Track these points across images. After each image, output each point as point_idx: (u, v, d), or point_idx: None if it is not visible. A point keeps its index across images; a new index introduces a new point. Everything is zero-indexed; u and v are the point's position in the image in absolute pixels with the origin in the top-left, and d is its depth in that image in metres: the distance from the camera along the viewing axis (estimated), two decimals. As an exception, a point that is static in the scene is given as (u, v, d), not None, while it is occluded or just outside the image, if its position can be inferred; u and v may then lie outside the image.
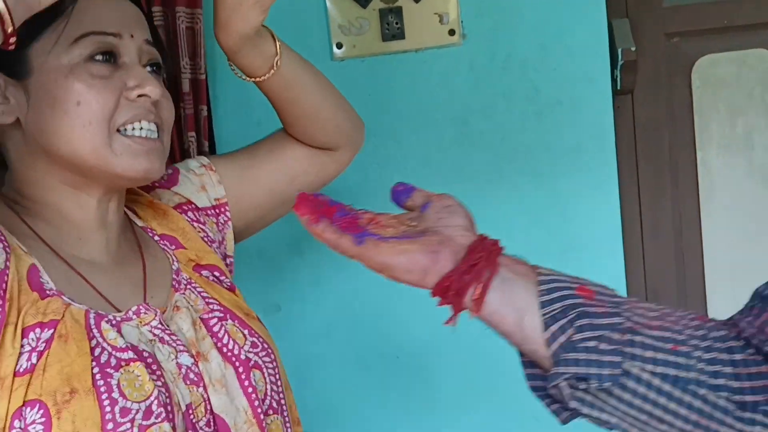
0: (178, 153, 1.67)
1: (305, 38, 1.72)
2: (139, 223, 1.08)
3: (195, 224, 1.10)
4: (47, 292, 0.86)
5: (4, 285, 0.82)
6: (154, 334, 0.91)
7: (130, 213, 1.08)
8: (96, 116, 0.89)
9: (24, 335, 0.82)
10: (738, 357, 0.69)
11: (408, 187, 0.87)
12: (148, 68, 0.97)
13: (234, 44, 1.03)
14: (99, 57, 0.92)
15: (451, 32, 1.67)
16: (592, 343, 0.69)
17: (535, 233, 1.66)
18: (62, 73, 0.90)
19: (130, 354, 0.86)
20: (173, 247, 1.06)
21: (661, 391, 0.68)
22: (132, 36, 0.95)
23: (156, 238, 1.06)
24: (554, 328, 0.70)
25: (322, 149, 1.20)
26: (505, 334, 0.75)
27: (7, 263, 0.84)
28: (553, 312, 0.71)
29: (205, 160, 1.18)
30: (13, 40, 0.73)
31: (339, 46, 1.72)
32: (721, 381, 0.68)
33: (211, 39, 1.72)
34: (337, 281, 1.75)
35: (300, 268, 1.77)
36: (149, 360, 0.87)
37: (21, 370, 0.81)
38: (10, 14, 0.72)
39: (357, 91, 1.70)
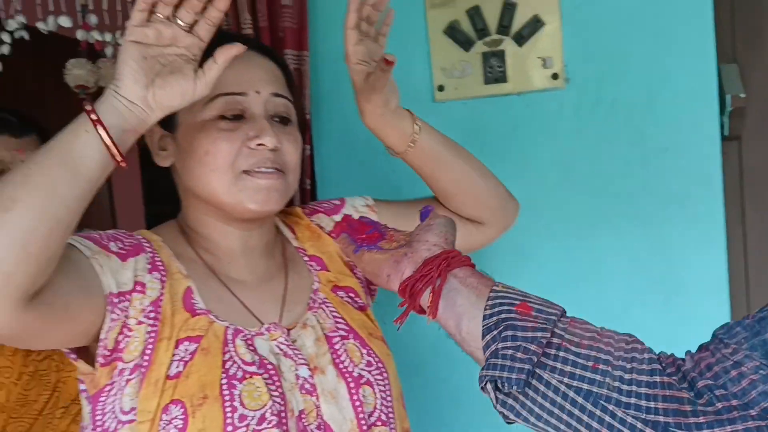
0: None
1: (408, 80, 1.74)
2: (295, 243, 1.24)
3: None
4: (197, 311, 1.05)
5: (159, 309, 1.03)
6: (280, 349, 1.08)
7: (288, 232, 1.25)
8: (219, 163, 1.07)
9: (176, 346, 1.01)
10: (657, 380, 0.76)
11: (430, 208, 1.06)
12: (276, 119, 1.11)
13: (372, 125, 1.22)
14: (228, 116, 1.08)
15: (555, 76, 1.67)
16: (509, 352, 0.80)
17: (638, 279, 1.63)
18: (197, 128, 1.08)
19: (254, 368, 1.03)
20: (319, 268, 1.22)
21: (574, 402, 0.77)
22: (258, 92, 1.10)
23: (306, 258, 1.22)
24: (488, 337, 0.83)
25: (469, 220, 1.31)
26: (451, 336, 0.89)
27: (162, 291, 1.04)
28: (489, 324, 0.83)
29: (370, 200, 1.33)
30: (124, 164, 0.91)
31: (441, 88, 1.74)
32: (633, 400, 0.75)
33: (315, 80, 1.79)
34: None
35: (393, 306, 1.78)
36: (272, 371, 1.04)
37: (171, 374, 1.00)
38: (117, 148, 0.90)
39: (458, 133, 1.71)
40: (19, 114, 1.70)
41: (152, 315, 1.02)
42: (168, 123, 1.10)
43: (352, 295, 1.21)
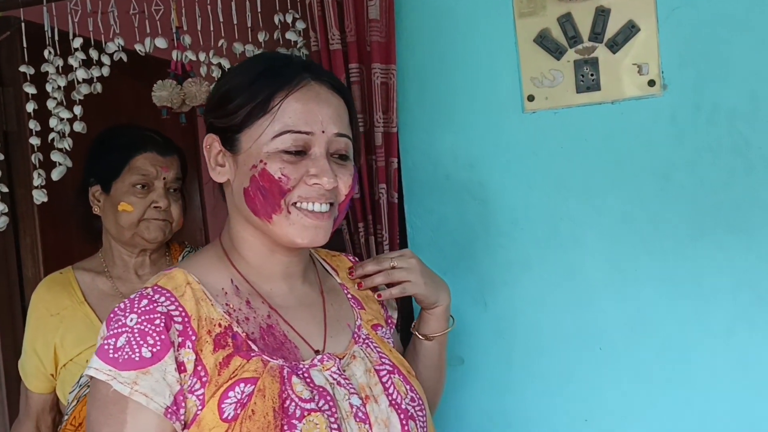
0: (369, 203, 1.71)
1: (496, 90, 1.71)
2: (338, 279, 1.31)
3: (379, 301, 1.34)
4: (252, 354, 1.08)
5: (203, 373, 1.05)
6: (333, 378, 1.11)
7: (331, 270, 1.32)
8: (277, 194, 1.11)
9: (231, 388, 1.04)
10: None
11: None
12: (335, 156, 1.15)
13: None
14: (292, 150, 1.12)
15: (651, 83, 1.60)
16: None
17: (743, 296, 1.53)
18: (261, 159, 1.12)
19: (313, 404, 1.06)
20: (359, 307, 1.28)
21: None
22: (324, 131, 1.13)
23: (348, 296, 1.29)
24: None
25: None
26: None
27: (198, 357, 1.06)
28: None
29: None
30: None
31: (531, 98, 1.69)
32: None
33: (402, 93, 1.78)
34: (521, 335, 1.71)
35: (483, 321, 1.74)
36: (330, 403, 1.07)
37: (227, 417, 1.02)
38: None
39: (548, 144, 1.68)
40: (162, 134, 1.80)
41: (200, 380, 1.04)
42: (228, 141, 1.15)
43: (387, 335, 1.28)
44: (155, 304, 1.07)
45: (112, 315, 1.07)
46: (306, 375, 1.09)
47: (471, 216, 1.73)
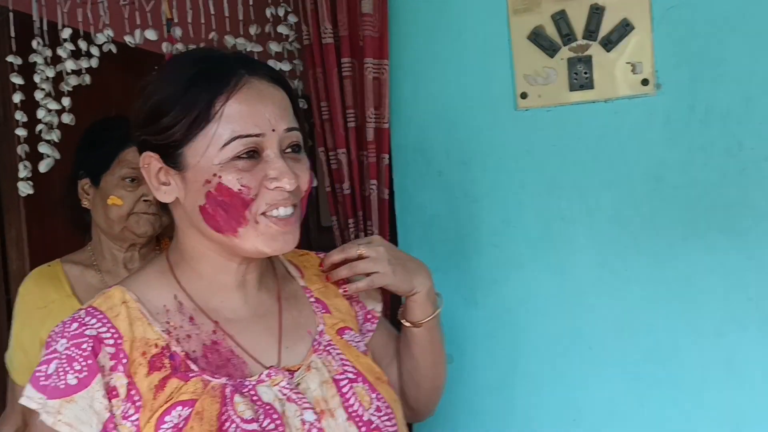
0: (359, 200, 1.70)
1: (489, 87, 1.70)
2: (301, 282, 1.22)
3: (349, 300, 1.24)
4: (190, 375, 1.01)
5: (135, 397, 0.99)
6: (283, 393, 1.04)
7: (295, 271, 1.23)
8: (240, 207, 1.03)
9: (167, 413, 0.98)
10: None
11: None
12: (288, 150, 1.07)
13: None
14: (244, 155, 1.03)
15: (645, 82, 1.59)
16: None
17: (734, 298, 1.53)
18: (214, 172, 1.03)
19: (255, 426, 0.99)
20: (324, 311, 1.19)
21: None
22: (274, 130, 1.05)
23: (312, 299, 1.20)
24: None
25: (407, 402, 1.30)
26: None
27: (130, 380, 1.00)
28: None
29: (379, 308, 1.29)
30: None
31: (524, 95, 1.68)
32: None
33: (394, 88, 1.77)
34: (511, 333, 1.70)
35: (474, 319, 1.73)
36: (278, 422, 1.00)
37: None
38: None
39: (541, 143, 1.67)
40: None
41: (134, 405, 0.99)
42: (170, 159, 1.05)
43: (357, 339, 1.19)
44: (84, 327, 1.01)
45: (48, 339, 1.02)
46: (252, 392, 1.02)
47: (463, 214, 1.72)
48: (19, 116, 1.77)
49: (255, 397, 1.02)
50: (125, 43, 1.78)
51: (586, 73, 1.64)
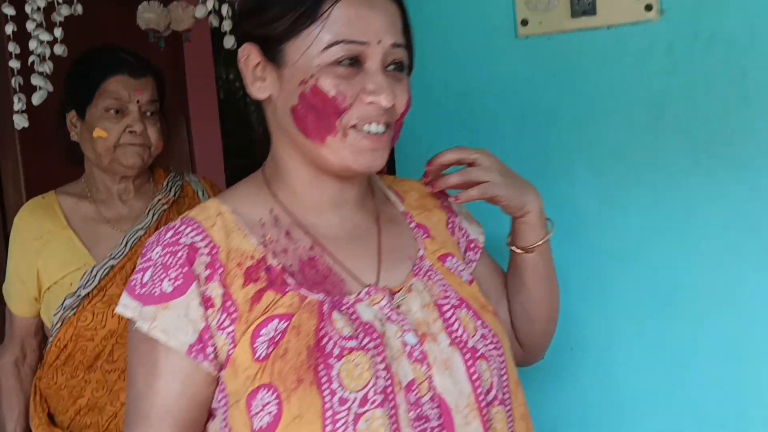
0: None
1: (488, 15, 1.66)
2: (401, 207, 1.19)
3: (451, 228, 1.21)
4: (287, 289, 0.99)
5: (232, 308, 0.98)
6: (383, 313, 1.01)
7: (394, 197, 1.20)
8: (332, 114, 1.00)
9: (264, 325, 0.96)
10: None
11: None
12: (391, 67, 1.04)
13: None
14: (345, 62, 1.00)
15: (648, 7, 1.54)
16: None
17: (735, 230, 1.51)
18: (311, 73, 0.99)
19: (354, 343, 0.96)
20: (425, 236, 1.15)
21: None
22: (379, 42, 1.01)
23: (412, 225, 1.16)
24: None
25: (520, 339, 1.28)
26: None
27: (226, 291, 0.99)
28: None
29: (482, 239, 1.27)
30: None
31: (524, 23, 1.64)
32: None
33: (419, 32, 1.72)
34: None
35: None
36: (377, 341, 0.97)
37: (259, 357, 0.95)
38: None
39: (542, 71, 1.64)
40: (136, 56, 1.74)
41: (230, 317, 0.98)
42: (270, 52, 1.02)
43: (459, 267, 1.15)
44: (179, 236, 1.00)
45: (143, 249, 1.03)
46: (350, 311, 1.00)
47: (461, 145, 1.69)
48: (12, 48, 1.74)
49: (354, 316, 0.99)
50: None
51: (588, -1, 1.59)
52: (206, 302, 0.97)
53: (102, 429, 1.68)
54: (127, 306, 0.99)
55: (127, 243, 1.70)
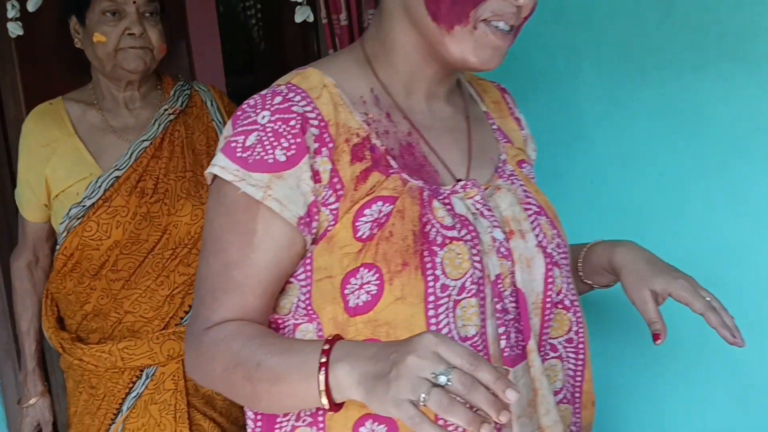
0: (357, 32, 1.64)
1: None
2: (483, 107, 1.18)
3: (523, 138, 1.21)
4: (390, 171, 0.98)
5: (339, 184, 0.96)
6: (476, 208, 1.00)
7: (476, 96, 1.19)
8: (469, 3, 0.96)
9: (368, 206, 0.95)
10: None
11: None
12: None
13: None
14: None
15: None
16: None
17: (743, 127, 1.48)
18: None
19: (455, 233, 0.96)
20: (504, 140, 1.16)
21: None
22: None
23: (494, 126, 1.16)
24: None
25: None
26: None
27: (334, 167, 0.96)
28: None
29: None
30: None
31: None
32: None
33: None
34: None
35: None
36: (473, 234, 0.97)
37: (362, 236, 0.94)
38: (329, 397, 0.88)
39: (547, -32, 1.58)
40: None
41: (336, 193, 0.96)
42: None
43: (533, 174, 1.16)
44: (290, 103, 0.96)
45: (239, 112, 0.98)
46: (446, 201, 0.99)
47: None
48: (4, -48, 1.69)
49: (449, 206, 0.99)
50: None
51: None
52: (315, 175, 0.96)
53: (106, 334, 1.71)
54: (225, 168, 0.95)
55: (132, 154, 1.69)
